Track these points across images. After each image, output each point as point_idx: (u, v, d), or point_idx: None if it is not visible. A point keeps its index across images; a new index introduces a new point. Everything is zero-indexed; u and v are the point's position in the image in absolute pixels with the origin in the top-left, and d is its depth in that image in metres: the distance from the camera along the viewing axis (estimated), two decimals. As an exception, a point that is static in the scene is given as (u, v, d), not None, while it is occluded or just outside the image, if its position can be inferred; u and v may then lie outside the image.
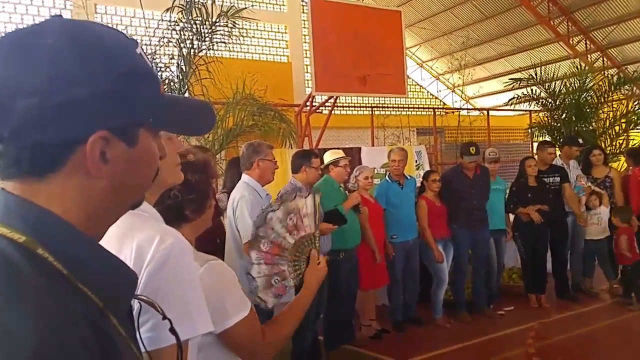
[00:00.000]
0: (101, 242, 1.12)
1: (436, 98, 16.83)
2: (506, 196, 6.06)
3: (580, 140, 6.69)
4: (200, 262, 1.48)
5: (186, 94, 6.77)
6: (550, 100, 9.39)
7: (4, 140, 0.64)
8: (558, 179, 6.03)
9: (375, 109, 9.67)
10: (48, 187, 0.66)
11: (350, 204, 4.56)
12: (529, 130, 10.20)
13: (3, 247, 0.62)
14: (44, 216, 0.66)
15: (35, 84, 0.62)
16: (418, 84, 17.86)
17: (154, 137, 0.75)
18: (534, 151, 8.01)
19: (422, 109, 11.80)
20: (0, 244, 0.62)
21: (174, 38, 6.77)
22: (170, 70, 6.81)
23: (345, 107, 10.92)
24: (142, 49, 0.73)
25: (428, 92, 17.78)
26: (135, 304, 0.89)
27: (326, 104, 7.96)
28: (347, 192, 4.88)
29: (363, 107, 10.60)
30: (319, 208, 1.89)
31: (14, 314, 0.56)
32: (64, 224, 0.66)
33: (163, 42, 6.84)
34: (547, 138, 9.25)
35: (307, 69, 9.08)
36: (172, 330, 0.89)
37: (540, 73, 9.44)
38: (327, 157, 4.74)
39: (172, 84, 6.70)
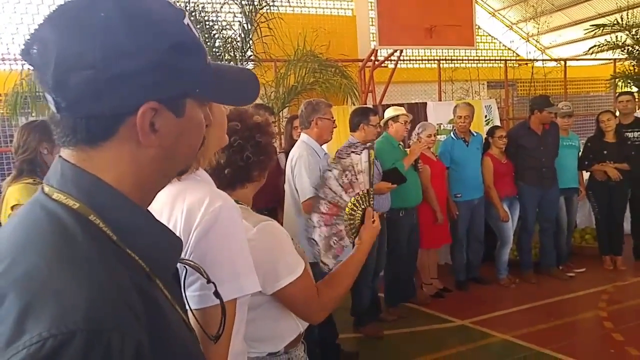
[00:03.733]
0: (156, 203, 1.18)
1: (509, 49, 15.87)
2: (580, 152, 5.71)
3: None
4: (253, 222, 1.50)
5: (248, 52, 6.79)
6: (637, 48, 8.62)
7: (61, 110, 0.68)
8: None
9: (443, 61, 9.29)
10: (101, 156, 0.70)
11: (411, 160, 4.47)
12: (613, 81, 9.45)
13: (59, 213, 0.67)
14: (96, 184, 0.70)
15: (90, 58, 0.65)
16: (489, 35, 16.91)
17: (201, 107, 0.77)
18: (616, 104, 7.45)
19: (493, 61, 11.21)
20: (57, 210, 0.68)
21: (236, -5, 6.74)
22: (233, 29, 6.82)
23: (411, 60, 10.53)
24: (190, 20, 0.74)
25: (500, 42, 16.82)
26: (181, 267, 0.93)
27: (391, 58, 7.74)
28: (407, 149, 4.78)
29: (430, 60, 10.20)
30: (374, 163, 1.83)
31: (68, 279, 0.61)
32: (114, 192, 0.70)
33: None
34: (634, 89, 8.56)
35: (372, 22, 8.81)
36: (216, 293, 0.95)
37: (627, 18, 8.65)
38: (388, 113, 4.63)
39: (234, 42, 6.72)
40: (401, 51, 7.57)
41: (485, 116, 7.53)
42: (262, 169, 1.59)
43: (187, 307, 0.85)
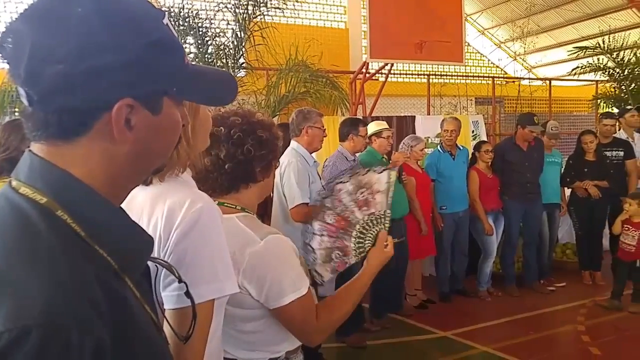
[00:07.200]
0: (137, 203, 1.19)
1: (497, 67, 16.19)
2: (562, 169, 5.85)
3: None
4: (261, 234, 1.47)
5: (241, 60, 6.85)
6: (617, 70, 8.88)
7: (33, 103, 0.66)
8: (622, 153, 5.73)
9: (432, 76, 9.44)
10: (73, 151, 0.68)
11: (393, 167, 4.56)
12: (595, 102, 9.71)
13: (25, 208, 0.65)
14: (66, 179, 0.68)
15: (64, 51, 0.64)
16: (478, 52, 17.24)
17: (178, 106, 0.77)
18: (599, 123, 7.63)
19: (481, 78, 11.42)
20: (23, 204, 0.66)
21: (230, 3, 6.81)
22: (226, 36, 6.87)
23: (402, 74, 10.69)
24: (170, 20, 0.74)
25: (489, 60, 17.15)
26: (153, 266, 0.93)
27: (381, 71, 7.85)
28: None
29: (420, 74, 10.36)
30: (393, 186, 1.75)
31: (28, 272, 0.59)
32: (84, 187, 0.69)
33: (219, 7, 6.90)
34: (614, 109, 8.81)
35: (364, 35, 8.94)
36: (187, 294, 0.92)
37: (609, 41, 8.92)
38: (371, 128, 4.70)
39: (227, 49, 6.76)
40: (392, 65, 7.70)
41: (473, 131, 7.65)
42: (265, 166, 1.54)
43: (157, 306, 0.84)
